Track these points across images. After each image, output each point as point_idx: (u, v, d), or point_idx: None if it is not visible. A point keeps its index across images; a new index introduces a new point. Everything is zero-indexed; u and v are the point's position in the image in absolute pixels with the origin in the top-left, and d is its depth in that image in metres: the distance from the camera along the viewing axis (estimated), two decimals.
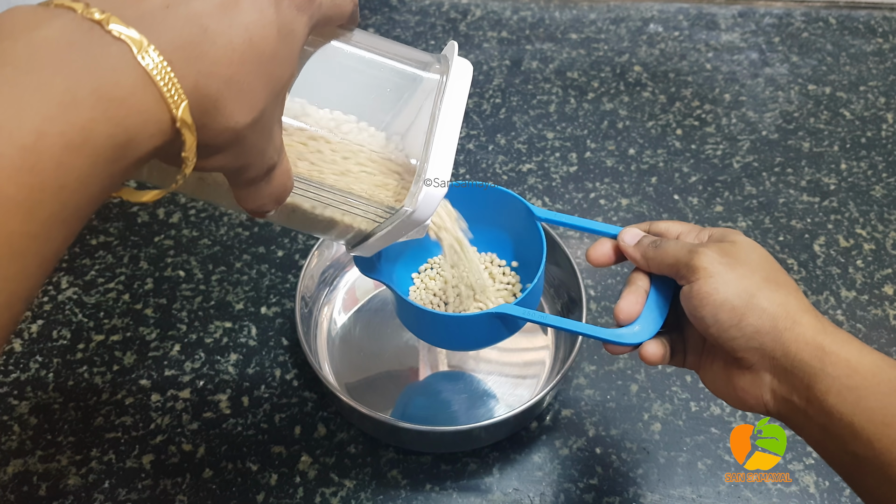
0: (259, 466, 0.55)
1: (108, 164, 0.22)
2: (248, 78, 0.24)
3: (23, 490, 0.53)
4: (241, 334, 0.62)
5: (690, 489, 0.54)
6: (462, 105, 0.35)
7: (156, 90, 0.22)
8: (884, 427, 0.33)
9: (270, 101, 0.26)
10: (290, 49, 0.26)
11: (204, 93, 0.23)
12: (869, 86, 0.85)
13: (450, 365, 0.60)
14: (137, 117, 0.22)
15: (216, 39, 0.23)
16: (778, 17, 0.94)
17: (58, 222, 0.21)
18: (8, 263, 0.20)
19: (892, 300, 0.65)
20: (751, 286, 0.36)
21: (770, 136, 0.79)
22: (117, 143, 0.22)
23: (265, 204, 0.30)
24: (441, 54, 0.37)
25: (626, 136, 0.79)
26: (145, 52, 0.22)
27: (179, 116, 0.23)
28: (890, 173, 0.76)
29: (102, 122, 0.21)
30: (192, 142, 0.24)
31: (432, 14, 0.93)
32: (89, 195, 0.22)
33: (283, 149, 0.29)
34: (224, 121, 0.24)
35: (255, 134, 0.26)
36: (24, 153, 0.20)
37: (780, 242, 0.70)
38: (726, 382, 0.39)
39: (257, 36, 0.24)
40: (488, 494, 0.54)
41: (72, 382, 0.59)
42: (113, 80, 0.21)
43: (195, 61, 0.23)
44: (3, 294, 0.20)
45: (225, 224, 0.70)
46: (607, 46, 0.89)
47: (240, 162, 0.27)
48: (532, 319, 0.43)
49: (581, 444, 0.57)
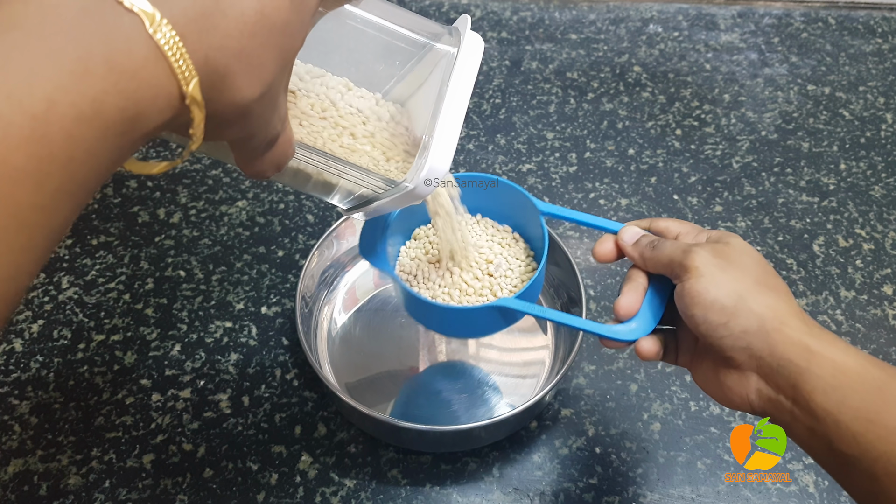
0: (259, 466, 0.55)
1: (116, 136, 0.22)
2: (258, 51, 0.24)
3: (23, 490, 0.53)
4: (242, 334, 0.62)
5: (690, 489, 0.54)
6: (472, 81, 0.34)
7: (167, 65, 0.22)
8: (868, 424, 0.33)
9: (279, 72, 0.26)
10: (301, 18, 0.25)
11: (213, 67, 0.23)
12: (868, 86, 0.86)
13: (450, 365, 0.60)
14: (148, 91, 0.22)
15: (228, 10, 0.23)
16: (777, 18, 0.94)
17: (65, 194, 0.21)
18: (15, 235, 0.20)
19: (891, 300, 0.65)
20: (741, 288, 0.37)
21: (769, 137, 0.80)
22: (127, 117, 0.21)
23: (265, 170, 0.30)
24: (452, 26, 0.36)
25: (625, 137, 0.79)
26: (158, 26, 0.21)
27: (189, 93, 0.23)
28: (889, 173, 0.76)
29: (113, 94, 0.21)
30: (200, 118, 0.24)
31: (432, 14, 0.93)
32: (97, 168, 0.22)
33: (286, 117, 0.29)
34: (232, 95, 0.24)
35: (262, 106, 0.26)
36: (34, 122, 0.19)
37: (780, 242, 0.70)
38: (715, 381, 0.39)
39: (270, 6, 0.24)
40: (488, 494, 0.54)
41: (72, 382, 0.59)
42: (125, 51, 0.21)
43: (206, 34, 0.22)
44: (9, 267, 0.20)
45: (225, 224, 0.70)
46: (607, 47, 0.90)
47: (244, 132, 0.27)
48: (531, 313, 0.43)
49: (581, 444, 0.57)
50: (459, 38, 0.35)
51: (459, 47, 0.34)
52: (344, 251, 0.64)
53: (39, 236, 0.21)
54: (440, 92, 0.34)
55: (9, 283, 0.20)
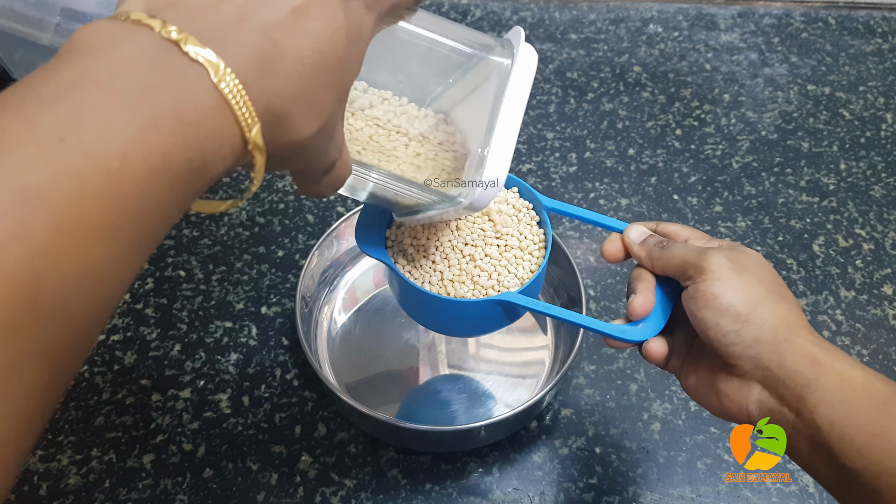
0: (259, 466, 0.55)
1: (184, 186, 0.22)
2: (316, 90, 0.24)
3: (23, 489, 0.53)
4: (242, 334, 0.62)
5: (690, 489, 0.54)
6: (526, 94, 0.34)
7: (231, 114, 0.22)
8: (873, 438, 0.33)
9: (335, 106, 0.26)
10: (357, 52, 0.26)
11: (274, 111, 0.23)
12: (868, 86, 0.86)
13: (450, 365, 0.60)
14: (214, 141, 0.22)
15: (286, 53, 0.23)
16: (777, 18, 0.94)
17: (136, 246, 0.21)
18: (90, 288, 0.20)
19: (891, 300, 0.65)
20: (756, 295, 0.37)
21: (769, 137, 0.80)
22: (194, 167, 0.22)
23: (324, 193, 0.31)
24: (505, 38, 0.35)
25: (625, 137, 0.79)
26: (223, 75, 0.22)
27: (252, 139, 0.23)
28: (889, 173, 0.76)
29: (182, 147, 0.21)
30: (261, 162, 0.24)
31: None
32: (165, 218, 0.22)
33: (343, 142, 0.29)
34: (291, 135, 0.24)
35: (319, 140, 0.26)
36: (109, 178, 0.20)
37: (780, 242, 0.70)
38: (711, 388, 0.39)
39: (327, 45, 0.24)
40: (488, 494, 0.54)
41: (72, 382, 0.59)
42: (192, 103, 0.21)
43: (267, 79, 0.23)
44: (84, 320, 0.20)
45: (225, 224, 0.70)
46: (607, 47, 0.90)
47: (302, 164, 0.27)
48: (535, 309, 0.42)
49: (581, 444, 0.57)
50: (513, 49, 0.34)
51: (514, 59, 0.34)
52: (344, 251, 0.64)
53: (113, 288, 0.21)
54: (494, 105, 0.33)
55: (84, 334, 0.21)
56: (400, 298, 0.48)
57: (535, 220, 0.46)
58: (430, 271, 0.44)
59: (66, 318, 0.20)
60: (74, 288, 0.19)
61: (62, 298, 0.19)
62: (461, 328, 0.49)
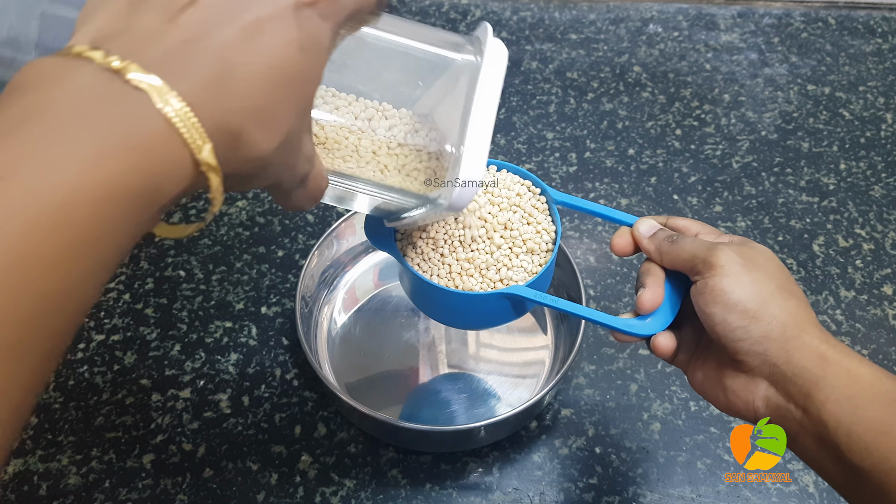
0: (259, 466, 0.55)
1: (137, 213, 0.22)
2: (272, 106, 0.24)
3: (23, 489, 0.53)
4: (242, 334, 0.62)
5: (690, 489, 0.54)
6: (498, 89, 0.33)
7: (178, 137, 0.22)
8: (881, 436, 0.33)
9: (296, 119, 0.26)
10: (315, 62, 0.26)
11: (227, 130, 0.23)
12: (868, 86, 0.86)
13: (450, 365, 0.60)
14: (164, 165, 0.22)
15: (238, 71, 0.23)
16: (777, 18, 0.94)
17: (91, 276, 0.21)
18: (46, 322, 0.20)
19: (891, 300, 0.65)
20: (765, 291, 0.36)
21: (769, 137, 0.80)
22: (146, 192, 0.22)
23: (303, 205, 0.30)
24: (473, 35, 0.36)
25: (625, 137, 0.79)
26: (166, 99, 0.22)
27: (203, 159, 0.23)
28: (889, 173, 0.76)
29: (132, 174, 0.21)
30: (217, 182, 0.24)
31: (432, 14, 0.93)
32: (120, 245, 0.22)
33: (314, 154, 0.29)
34: (248, 152, 0.24)
35: (283, 154, 0.26)
36: (59, 211, 0.20)
37: (780, 242, 0.70)
38: (717, 384, 0.39)
39: (280, 59, 0.24)
40: (488, 494, 0.54)
41: (72, 382, 0.59)
42: (138, 130, 0.21)
43: (219, 99, 0.23)
44: (38, 355, 0.20)
45: (225, 224, 0.70)
46: (607, 47, 0.90)
47: (270, 181, 0.27)
48: (544, 303, 0.42)
49: (581, 444, 0.57)
50: (481, 46, 0.34)
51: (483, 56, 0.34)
52: (344, 251, 0.64)
53: (67, 320, 0.21)
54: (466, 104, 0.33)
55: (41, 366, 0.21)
56: (409, 291, 0.48)
57: (544, 213, 0.46)
58: (438, 264, 0.44)
59: (22, 353, 0.20)
60: (30, 323, 0.20)
61: (17, 335, 0.19)
62: (469, 321, 0.49)
